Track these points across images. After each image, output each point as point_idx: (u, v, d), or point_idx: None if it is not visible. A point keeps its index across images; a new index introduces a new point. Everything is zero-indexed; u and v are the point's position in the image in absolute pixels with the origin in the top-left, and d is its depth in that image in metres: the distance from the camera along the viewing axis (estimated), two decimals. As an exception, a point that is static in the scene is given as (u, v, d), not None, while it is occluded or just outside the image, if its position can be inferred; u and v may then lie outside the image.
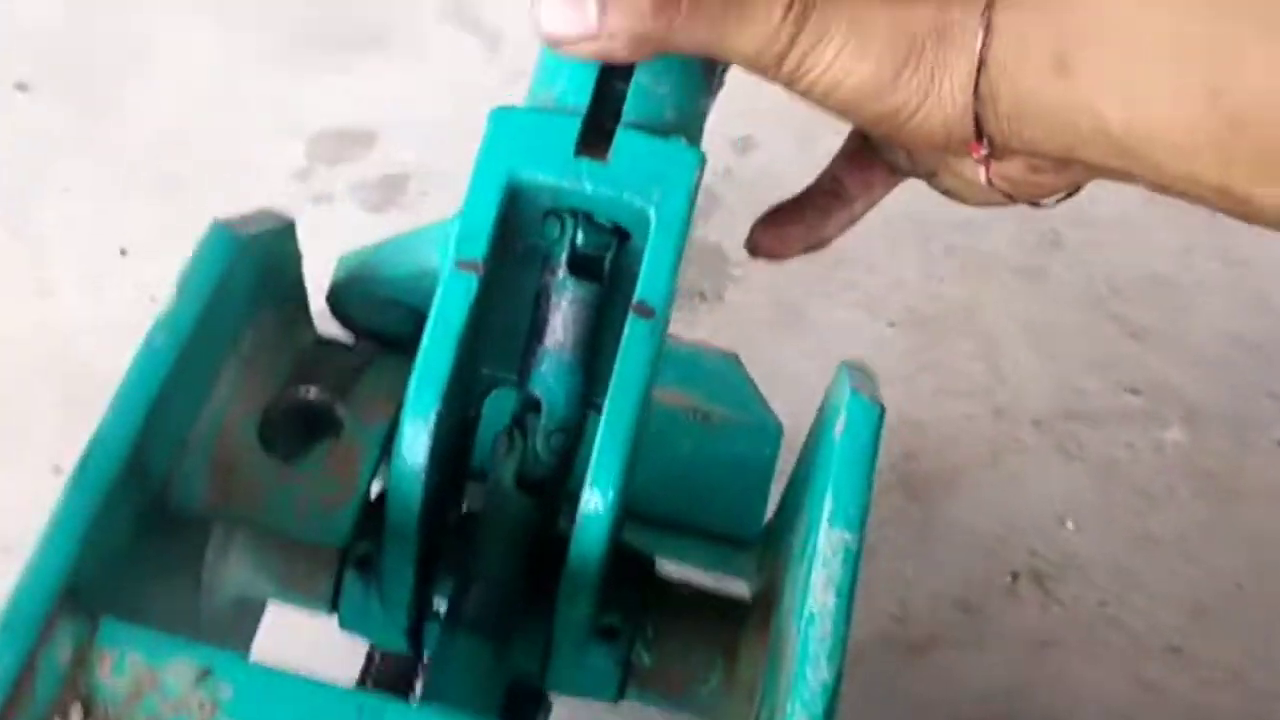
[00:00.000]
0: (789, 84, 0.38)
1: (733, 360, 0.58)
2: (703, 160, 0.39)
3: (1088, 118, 0.35)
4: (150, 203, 0.76)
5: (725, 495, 0.54)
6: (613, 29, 0.36)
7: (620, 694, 0.43)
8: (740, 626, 0.44)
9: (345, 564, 0.42)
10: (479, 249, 0.37)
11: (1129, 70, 0.34)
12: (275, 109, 0.80)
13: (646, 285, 0.38)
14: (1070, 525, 0.69)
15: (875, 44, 0.36)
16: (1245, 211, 0.35)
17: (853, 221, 0.45)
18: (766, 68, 0.37)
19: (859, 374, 0.43)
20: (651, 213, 0.38)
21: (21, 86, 0.80)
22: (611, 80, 0.39)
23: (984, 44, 0.35)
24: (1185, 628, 0.66)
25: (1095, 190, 0.41)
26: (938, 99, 0.36)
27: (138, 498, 0.37)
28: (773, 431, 0.56)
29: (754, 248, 0.46)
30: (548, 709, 0.46)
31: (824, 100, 0.37)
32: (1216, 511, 0.70)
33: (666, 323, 0.39)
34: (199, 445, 0.40)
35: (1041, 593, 0.67)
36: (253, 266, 0.41)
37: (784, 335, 0.74)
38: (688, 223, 0.38)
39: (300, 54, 0.83)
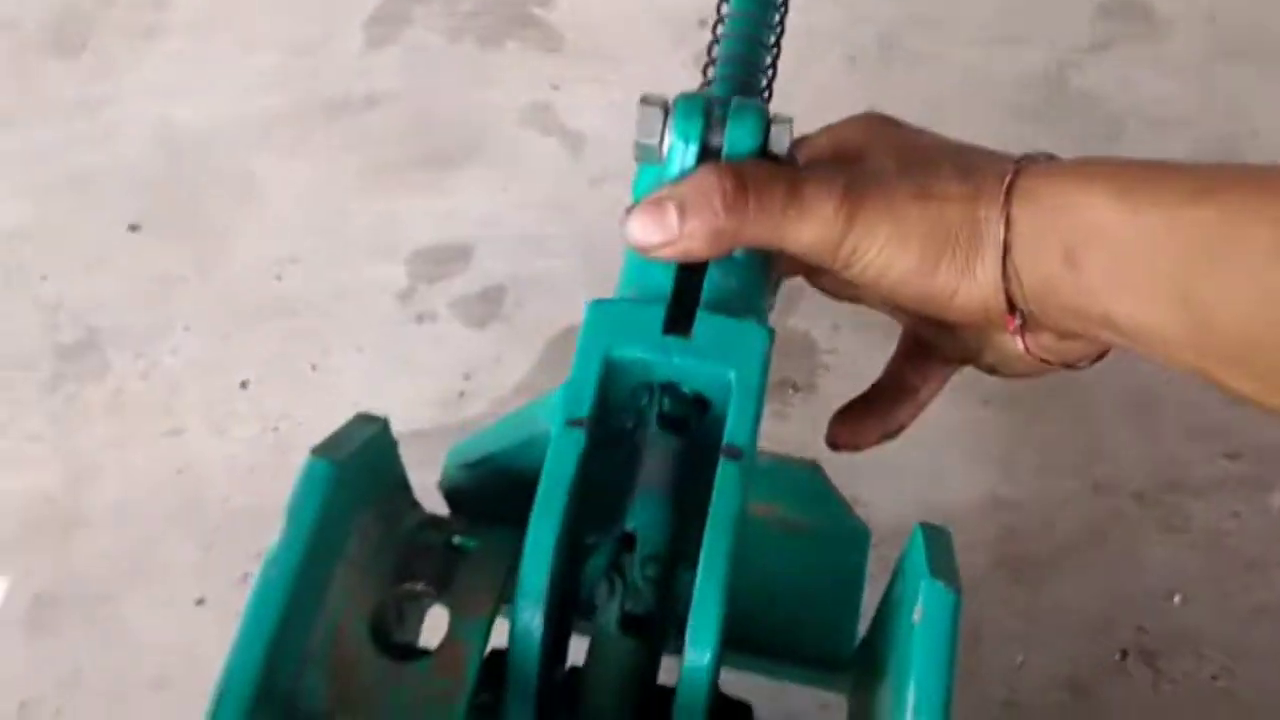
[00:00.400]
0: (843, 269, 0.43)
1: (815, 469, 0.60)
2: (772, 335, 0.43)
3: (1096, 306, 0.40)
4: (266, 334, 0.80)
5: (817, 607, 0.56)
6: (691, 231, 0.42)
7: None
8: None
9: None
10: (584, 409, 0.42)
11: (1120, 268, 0.39)
12: (374, 232, 0.84)
13: (733, 430, 0.42)
14: (1178, 600, 0.69)
15: (915, 238, 0.42)
16: (1226, 393, 0.40)
17: (921, 408, 0.51)
18: (823, 256, 0.42)
19: (936, 543, 0.44)
20: (732, 376, 0.42)
21: (134, 228, 0.85)
22: (689, 274, 0.44)
23: (1006, 235, 0.41)
24: (1303, 699, 0.66)
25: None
26: (974, 280, 0.42)
27: (269, 715, 0.41)
28: (861, 537, 0.57)
29: (833, 443, 0.51)
30: None
31: (876, 284, 0.43)
32: (1330, 575, 0.70)
33: (752, 470, 0.43)
34: (317, 655, 0.43)
35: (1152, 670, 0.67)
36: (351, 482, 0.44)
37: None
38: (763, 388, 0.43)
39: (392, 175, 0.86)
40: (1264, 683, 0.67)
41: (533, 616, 0.42)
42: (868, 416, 0.52)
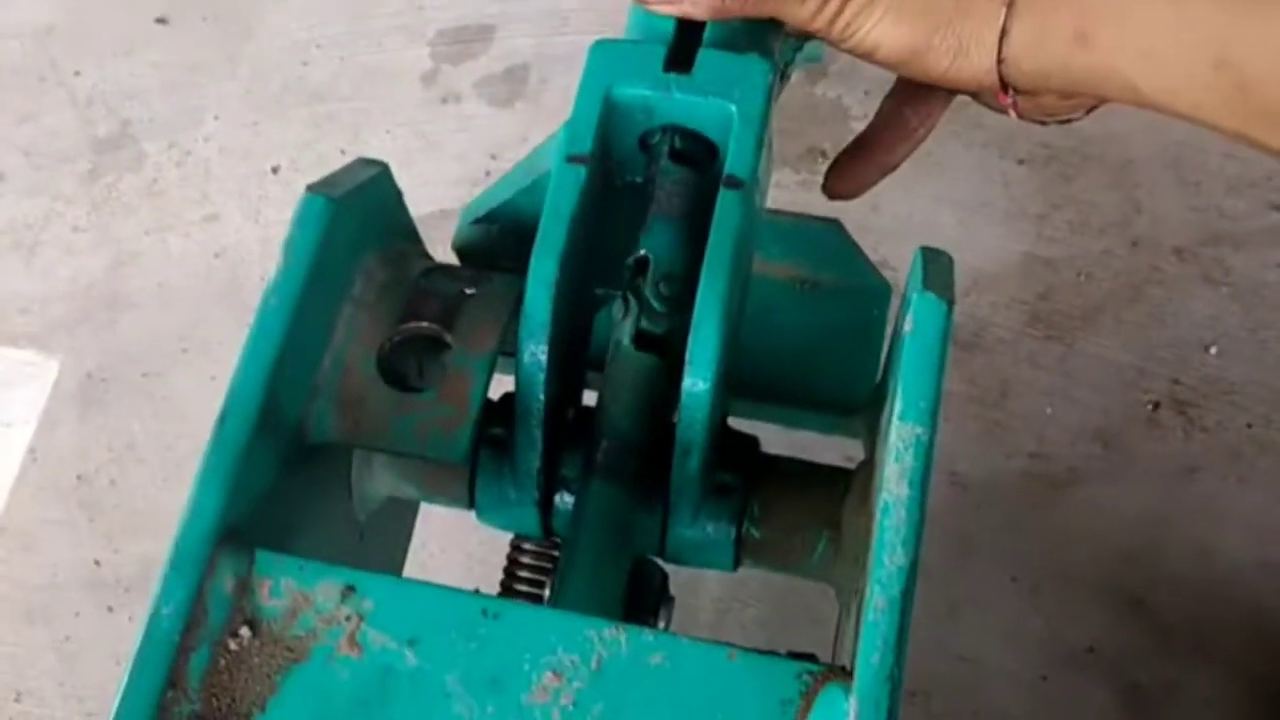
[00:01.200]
0: (838, 42, 0.43)
1: (835, 227, 0.59)
2: (774, 68, 0.43)
3: (1114, 79, 0.40)
4: (293, 120, 0.81)
5: (837, 360, 0.56)
6: (695, 2, 0.41)
7: (736, 564, 0.47)
8: (843, 498, 0.47)
9: (479, 444, 0.47)
10: (585, 145, 0.42)
11: (1145, 43, 0.39)
12: (397, 13, 0.83)
13: (734, 162, 0.42)
14: (1214, 351, 0.69)
15: (908, 17, 0.42)
16: (1265, 152, 0.39)
17: (918, 144, 0.50)
18: (820, 29, 0.42)
19: (935, 263, 0.44)
20: (734, 109, 0.42)
21: (161, 20, 0.85)
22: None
23: (1006, 18, 0.40)
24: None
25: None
26: (966, 59, 0.42)
27: (276, 440, 0.42)
28: (880, 292, 0.57)
29: (831, 192, 0.50)
30: (670, 604, 0.50)
31: (869, 56, 0.43)
32: (1373, 324, 0.68)
33: (755, 198, 0.44)
34: (326, 386, 0.44)
35: (1184, 420, 0.67)
36: (351, 222, 0.45)
37: (913, 181, 0.74)
38: (766, 117, 0.43)
39: (416, -46, 0.85)
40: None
41: (537, 349, 0.43)
42: (864, 160, 0.51)
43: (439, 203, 0.77)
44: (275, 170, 0.79)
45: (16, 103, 0.83)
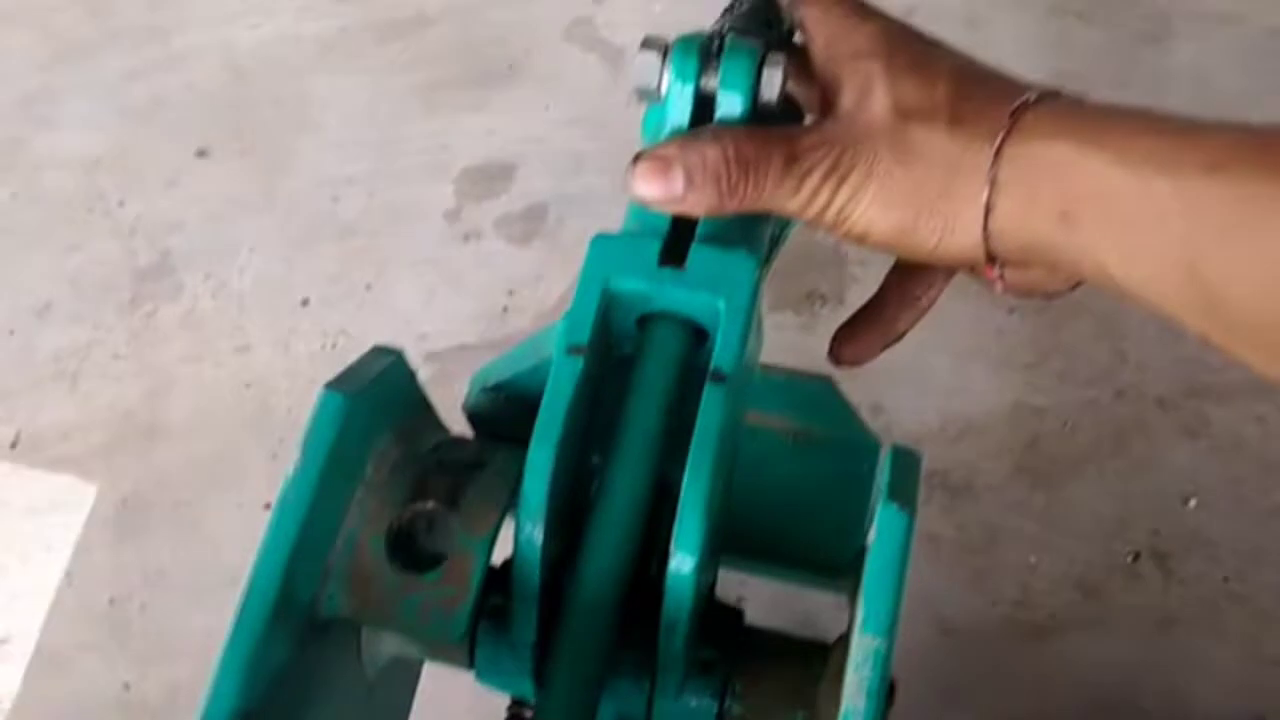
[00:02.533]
0: (831, 230, 0.45)
1: (828, 383, 0.63)
2: (760, 264, 0.46)
3: (1090, 261, 0.41)
4: (323, 255, 0.85)
5: (826, 516, 0.60)
6: (693, 201, 0.44)
7: (718, 737, 0.51)
8: (819, 678, 0.51)
9: (479, 617, 0.51)
10: (583, 337, 0.46)
11: (1123, 237, 0.40)
12: (424, 152, 0.88)
13: (719, 356, 0.45)
14: (1193, 503, 0.72)
15: (897, 202, 0.44)
16: (1232, 357, 0.40)
17: (923, 314, 0.51)
18: (811, 219, 0.45)
19: (902, 467, 0.48)
20: (721, 304, 0.46)
21: (202, 153, 0.91)
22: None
23: (990, 194, 0.42)
24: (1312, 600, 0.69)
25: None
26: (953, 237, 0.43)
27: (292, 620, 0.46)
28: (870, 448, 0.61)
29: (838, 359, 0.53)
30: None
31: (860, 241, 0.45)
32: (1349, 479, 0.71)
33: (739, 393, 0.46)
34: (337, 566, 0.48)
35: (1163, 572, 0.70)
36: (365, 412, 0.49)
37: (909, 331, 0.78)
38: (751, 311, 0.46)
39: (441, 95, 0.90)
40: (1275, 583, 0.69)
41: (533, 530, 0.47)
42: (870, 329, 0.53)
43: (458, 337, 0.81)
44: (305, 303, 0.84)
45: (65, 233, 0.88)
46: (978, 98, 0.44)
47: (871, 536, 0.45)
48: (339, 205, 0.87)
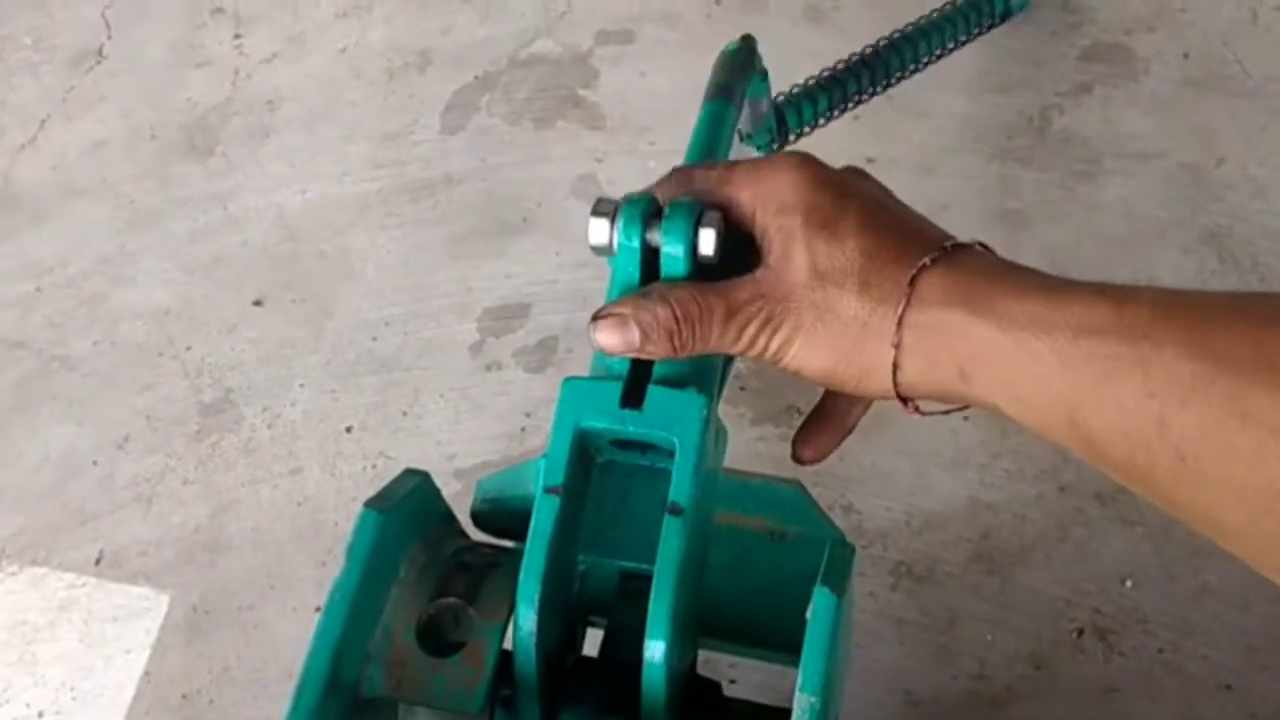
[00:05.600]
0: (770, 365, 0.52)
1: (799, 487, 0.72)
2: (708, 402, 0.53)
3: (990, 406, 0.46)
4: (365, 388, 0.96)
5: (800, 603, 0.68)
6: (650, 351, 0.50)
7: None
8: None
9: (494, 705, 0.60)
10: (558, 478, 0.53)
11: (1014, 391, 0.45)
12: (451, 295, 0.99)
13: (675, 491, 0.52)
14: (1129, 584, 0.79)
15: (821, 349, 0.49)
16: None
17: (864, 412, 0.58)
18: (755, 358, 0.51)
19: (837, 558, 0.57)
20: (676, 442, 0.52)
21: (258, 303, 1.02)
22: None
23: (896, 356, 0.47)
24: (1237, 667, 0.76)
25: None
26: (869, 381, 0.49)
27: (338, 701, 0.55)
28: (845, 555, 0.69)
29: (800, 459, 0.60)
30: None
31: (797, 375, 0.51)
32: (1266, 559, 0.79)
33: (696, 519, 0.53)
34: (376, 653, 0.58)
35: (1104, 646, 0.78)
36: (398, 524, 0.58)
37: (872, 436, 0.86)
38: (703, 445, 0.52)
39: (465, 245, 1.01)
40: (1205, 655, 0.77)
41: (528, 644, 0.54)
42: (823, 430, 0.59)
43: (481, 456, 0.91)
44: (349, 430, 0.94)
45: (140, 375, 0.99)
46: (881, 259, 0.48)
47: (809, 614, 0.54)
48: (377, 343, 0.98)
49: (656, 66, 1.09)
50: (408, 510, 0.60)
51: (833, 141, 1.01)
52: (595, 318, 0.51)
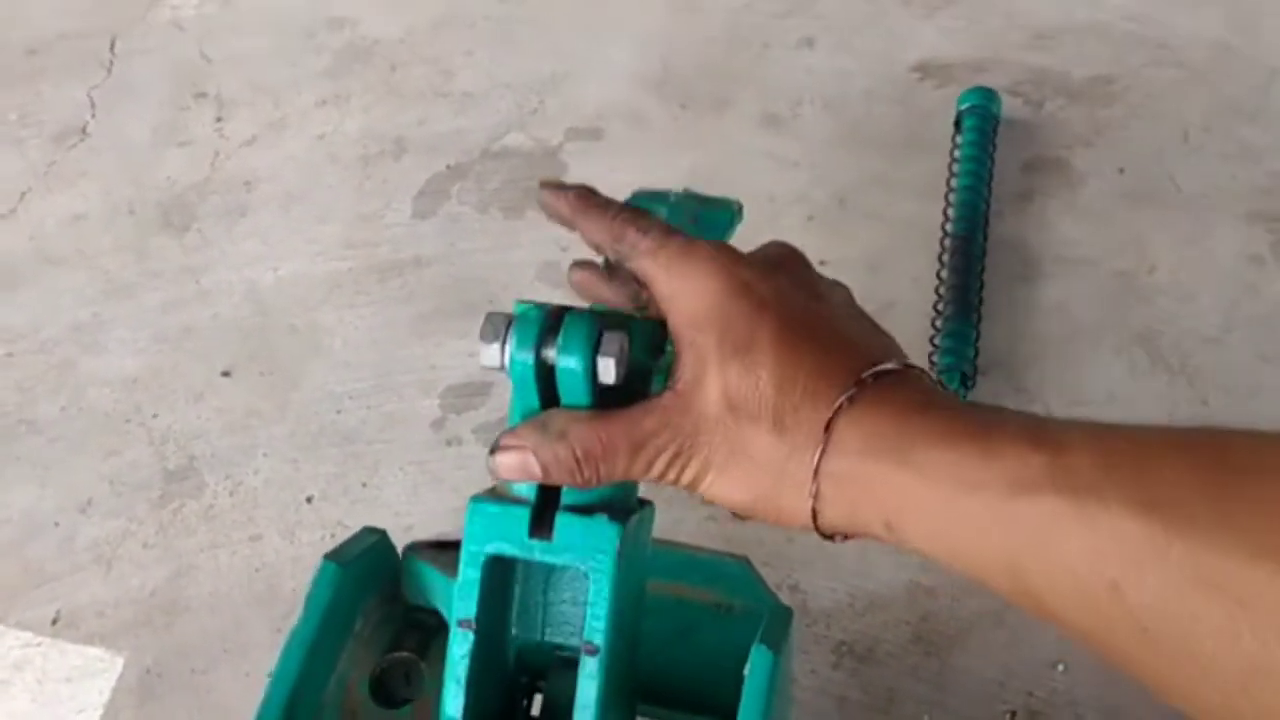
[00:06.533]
0: (689, 493, 0.48)
1: (746, 563, 0.75)
2: (621, 530, 0.49)
3: (921, 555, 0.42)
4: (326, 458, 0.98)
5: (741, 669, 0.70)
6: (553, 482, 0.47)
7: None
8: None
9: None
10: (470, 610, 0.50)
11: (947, 544, 0.41)
12: (415, 372, 1.02)
13: (590, 629, 0.49)
14: (1061, 668, 0.82)
15: (735, 488, 0.46)
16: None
17: None
18: (670, 485, 0.48)
19: (775, 617, 0.59)
20: (588, 574, 0.49)
21: (226, 374, 1.04)
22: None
23: (814, 505, 0.43)
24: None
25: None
26: (790, 518, 0.45)
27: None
28: (783, 615, 0.71)
29: None
30: None
31: (718, 504, 0.47)
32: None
33: (615, 655, 0.50)
34: (330, 703, 0.59)
35: (1039, 743, 0.80)
36: (355, 578, 0.60)
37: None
38: (615, 574, 0.49)
39: (431, 324, 1.04)
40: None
41: None
42: None
43: (438, 527, 0.93)
44: (310, 499, 0.96)
45: (105, 440, 1.01)
46: (796, 395, 0.43)
47: (746, 671, 0.56)
48: (341, 416, 1.00)
49: (624, 163, 1.14)
50: (365, 565, 0.62)
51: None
52: (494, 448, 0.47)
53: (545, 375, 0.47)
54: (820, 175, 1.09)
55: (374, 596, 0.63)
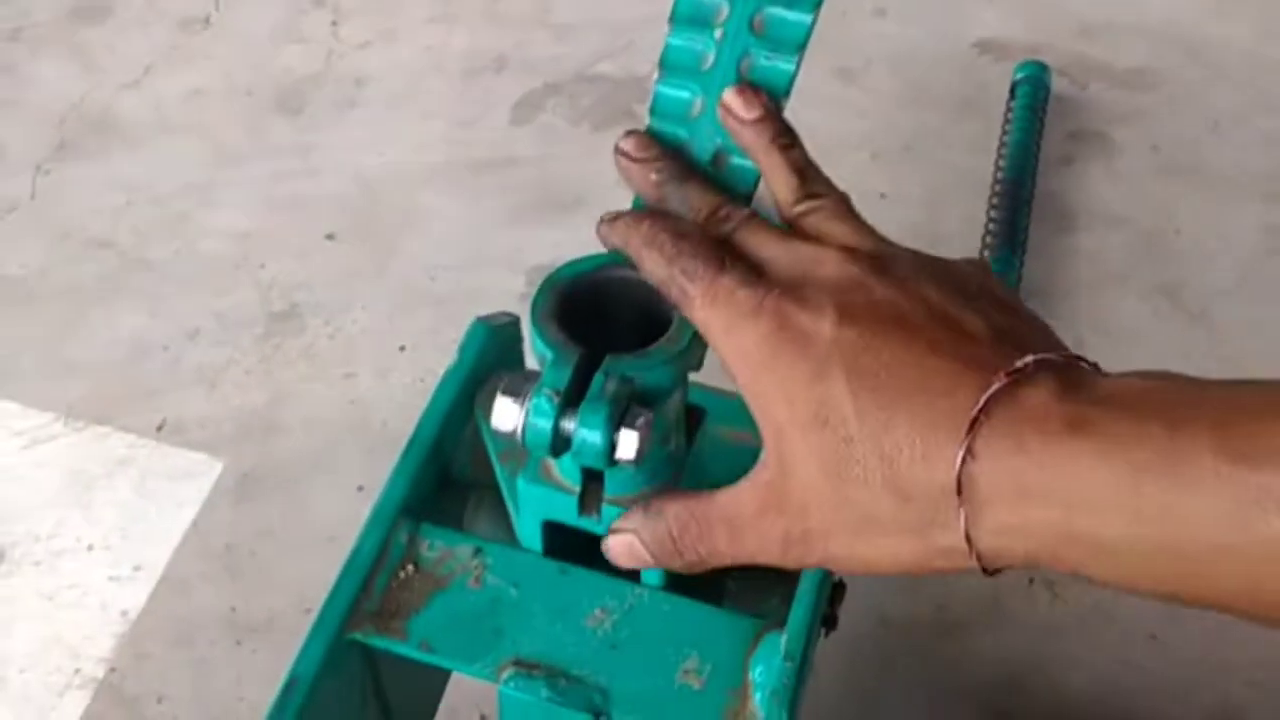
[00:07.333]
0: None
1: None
2: None
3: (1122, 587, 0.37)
4: (420, 315, 1.05)
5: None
6: (660, 566, 0.49)
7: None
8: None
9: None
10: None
11: (1153, 573, 0.35)
12: (504, 252, 1.09)
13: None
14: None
15: (884, 558, 0.40)
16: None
17: None
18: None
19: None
20: None
21: (330, 237, 1.12)
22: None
23: (981, 565, 0.40)
24: (1162, 623, 0.85)
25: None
26: (958, 571, 0.40)
27: (434, 470, 0.64)
28: None
29: None
30: None
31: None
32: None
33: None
34: (465, 442, 0.67)
35: (1050, 594, 0.87)
36: (500, 345, 0.68)
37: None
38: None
39: (520, 214, 1.12)
40: (1133, 611, 0.86)
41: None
42: None
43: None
44: (402, 349, 1.03)
45: (214, 281, 1.08)
46: (904, 459, 0.37)
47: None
48: (434, 283, 1.07)
49: (701, 100, 1.22)
50: (505, 337, 0.70)
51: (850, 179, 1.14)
52: (611, 531, 0.50)
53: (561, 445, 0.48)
54: (885, 124, 1.18)
55: (505, 369, 0.70)
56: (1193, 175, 1.13)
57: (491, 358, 0.68)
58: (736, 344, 0.41)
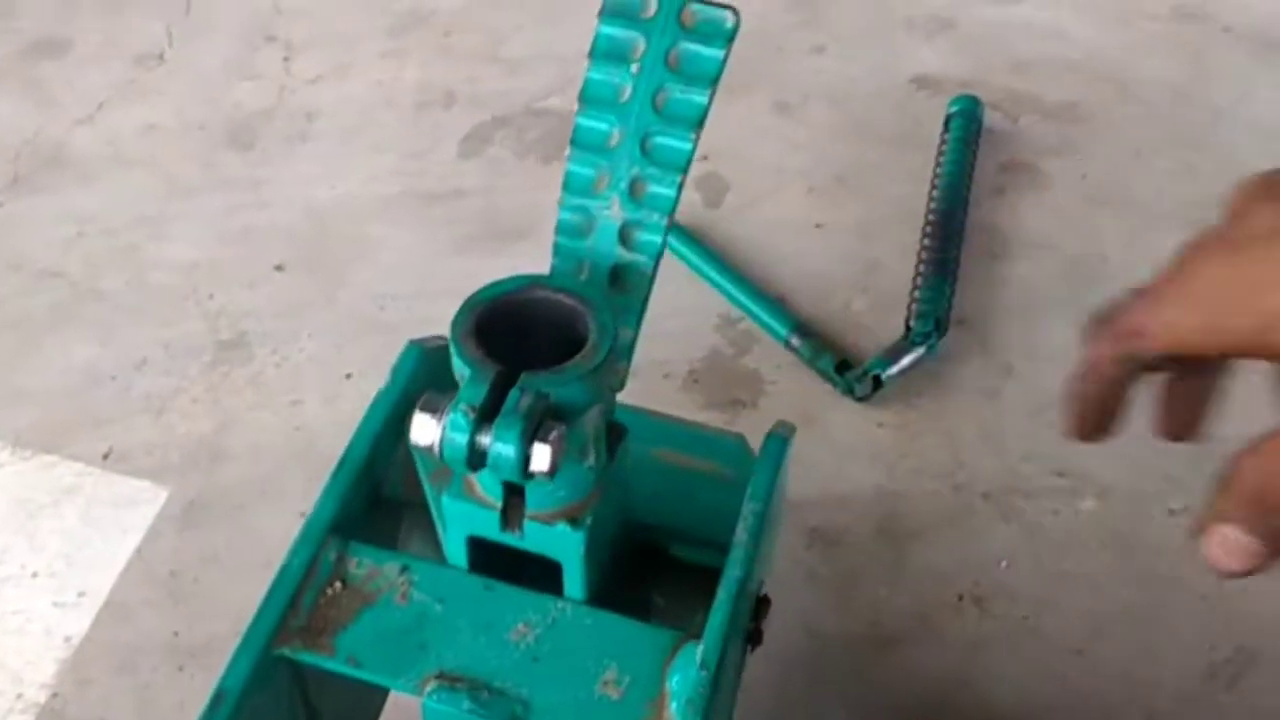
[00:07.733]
0: None
1: (741, 439, 0.84)
2: (584, 537, 0.55)
3: None
4: (368, 344, 1.06)
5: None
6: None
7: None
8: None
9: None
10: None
11: None
12: (452, 281, 1.10)
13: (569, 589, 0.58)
14: (1004, 564, 0.91)
15: None
16: None
17: None
18: None
19: (778, 431, 0.68)
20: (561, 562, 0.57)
21: (279, 267, 1.13)
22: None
23: None
24: (1087, 638, 0.87)
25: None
26: None
27: (365, 490, 0.65)
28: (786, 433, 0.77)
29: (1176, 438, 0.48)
30: None
31: None
32: (1117, 558, 0.92)
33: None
34: (398, 462, 0.68)
35: (979, 610, 0.89)
36: (431, 366, 0.69)
37: (802, 431, 0.99)
38: (585, 566, 0.57)
39: (468, 245, 1.13)
40: (1060, 625, 0.88)
41: None
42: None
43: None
44: (349, 376, 1.04)
45: (163, 312, 1.08)
46: None
47: (759, 453, 0.65)
48: (383, 312, 1.08)
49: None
50: (438, 360, 0.71)
51: (786, 210, 1.16)
52: (1202, 530, 0.39)
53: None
54: (822, 157, 1.20)
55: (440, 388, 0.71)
56: (1118, 203, 1.16)
57: (424, 379, 0.69)
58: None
